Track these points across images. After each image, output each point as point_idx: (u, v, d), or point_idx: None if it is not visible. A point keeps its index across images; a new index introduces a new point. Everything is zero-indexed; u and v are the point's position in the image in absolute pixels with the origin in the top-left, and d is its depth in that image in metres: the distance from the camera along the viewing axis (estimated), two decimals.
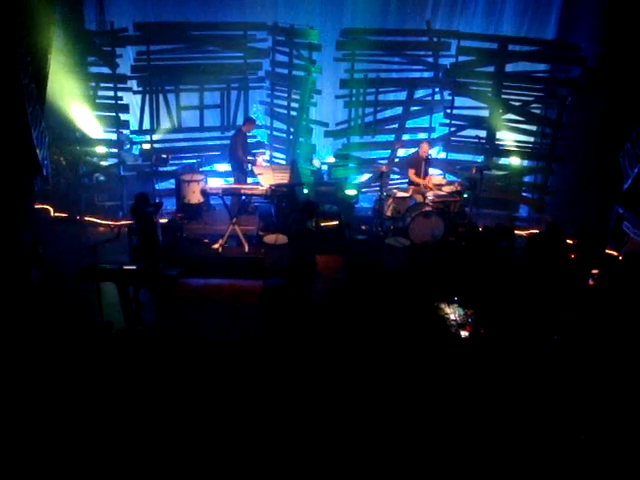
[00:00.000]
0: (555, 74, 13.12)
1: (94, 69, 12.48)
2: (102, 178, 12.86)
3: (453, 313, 9.04)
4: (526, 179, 13.83)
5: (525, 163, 13.77)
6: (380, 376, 7.72)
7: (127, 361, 7.88)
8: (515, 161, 13.46)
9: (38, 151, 9.98)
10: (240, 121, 13.03)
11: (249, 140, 12.67)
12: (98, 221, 12.15)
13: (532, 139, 13.48)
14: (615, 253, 11.07)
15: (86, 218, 12.19)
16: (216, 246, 10.79)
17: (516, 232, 11.73)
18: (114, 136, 12.54)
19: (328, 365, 7.87)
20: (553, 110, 13.12)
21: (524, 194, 13.73)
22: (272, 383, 7.49)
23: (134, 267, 8.47)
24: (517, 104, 13.10)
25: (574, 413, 7.19)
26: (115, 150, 12.63)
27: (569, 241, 10.17)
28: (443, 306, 9.18)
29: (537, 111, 13.35)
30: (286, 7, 13.12)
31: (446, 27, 13.31)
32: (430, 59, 13.10)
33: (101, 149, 12.69)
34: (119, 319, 8.59)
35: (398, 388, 7.52)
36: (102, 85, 12.34)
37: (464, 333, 8.60)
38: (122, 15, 12.44)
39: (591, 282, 9.78)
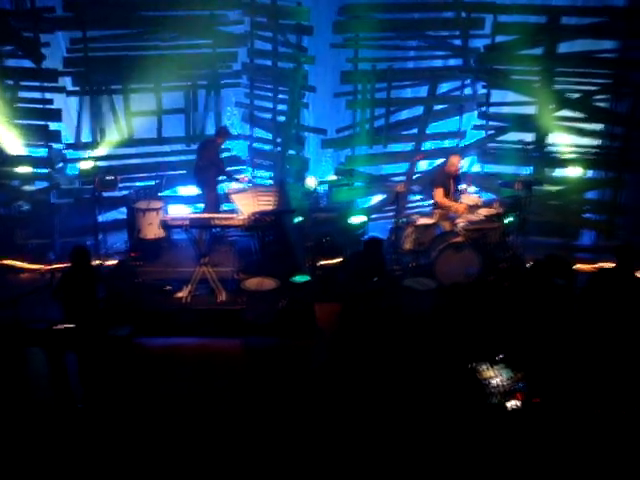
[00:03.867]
0: (627, 54, 13.23)
1: (11, 62, 12.69)
2: (26, 207, 12.98)
3: (496, 377, 9.06)
4: (589, 195, 14.00)
5: (588, 174, 13.93)
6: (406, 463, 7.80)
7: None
8: (574, 172, 13.63)
9: None
10: (211, 130, 13.22)
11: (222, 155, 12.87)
12: (21, 265, 12.25)
13: (597, 142, 13.66)
14: None
15: (5, 262, 12.27)
16: (181, 295, 10.92)
17: (577, 266, 11.84)
18: (42, 152, 12.73)
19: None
20: (625, 103, 13.28)
21: (587, 215, 13.90)
22: None
23: (69, 326, 8.56)
24: (575, 96, 13.31)
25: None
26: (44, 170, 12.82)
27: None
28: (483, 368, 9.21)
29: (603, 104, 13.51)
30: None
31: None
32: (458, 41, 13.40)
33: (25, 169, 12.85)
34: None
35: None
36: (24, 84, 12.52)
37: (512, 404, 8.63)
38: None
39: None
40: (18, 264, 12.26)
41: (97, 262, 11.29)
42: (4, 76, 12.46)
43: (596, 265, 12.36)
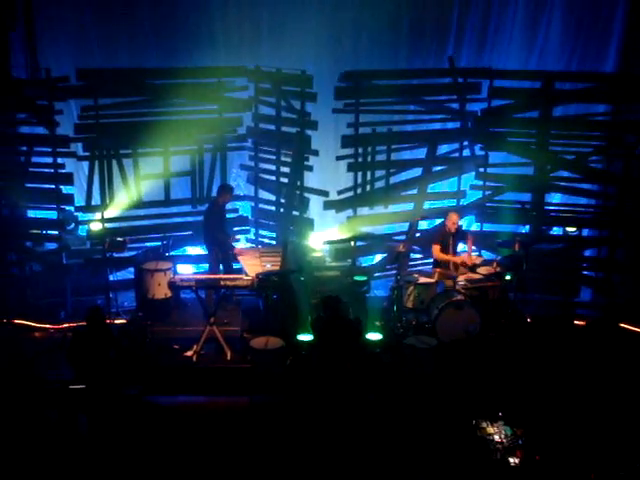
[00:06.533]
0: (619, 117, 13.57)
1: (26, 129, 12.99)
2: (37, 268, 13.17)
3: (498, 433, 9.16)
4: (587, 253, 14.21)
5: (585, 232, 14.17)
6: None
7: None
8: (571, 230, 13.87)
9: None
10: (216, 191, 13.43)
11: (228, 215, 13.20)
12: (33, 325, 12.29)
13: (592, 201, 13.95)
14: None
15: (16, 321, 12.33)
16: (189, 353, 11.12)
17: (577, 322, 12.05)
18: (54, 214, 12.86)
19: None
20: (618, 163, 13.53)
21: (585, 273, 14.08)
22: None
23: (81, 387, 8.70)
24: (570, 157, 13.54)
25: None
26: (55, 232, 12.90)
27: None
28: (484, 424, 9.32)
29: (597, 165, 13.80)
30: (271, 49, 13.60)
31: (474, 64, 13.96)
32: (455, 105, 13.59)
33: (36, 231, 13.03)
34: None
35: None
36: (37, 149, 12.74)
37: (513, 460, 8.72)
38: (61, 60, 13.00)
39: None
40: (30, 324, 12.31)
41: (108, 321, 11.46)
42: (19, 142, 12.74)
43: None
